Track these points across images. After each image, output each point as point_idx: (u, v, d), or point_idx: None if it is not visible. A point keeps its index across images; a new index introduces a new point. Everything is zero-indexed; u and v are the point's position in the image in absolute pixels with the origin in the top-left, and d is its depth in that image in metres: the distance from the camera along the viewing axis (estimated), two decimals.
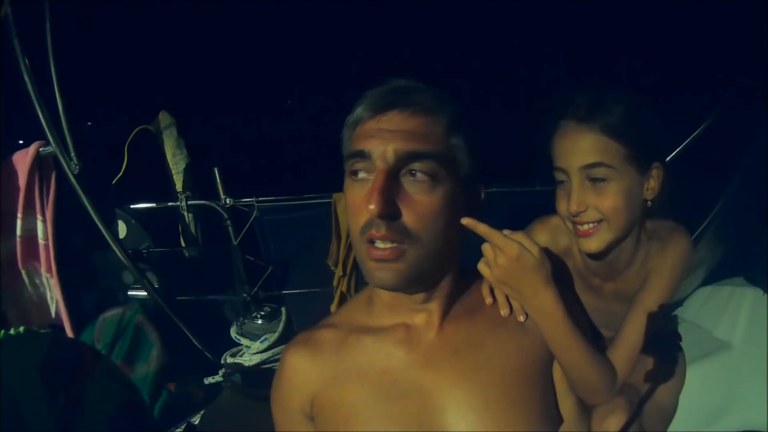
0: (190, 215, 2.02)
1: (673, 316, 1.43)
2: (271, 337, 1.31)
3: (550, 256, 1.01)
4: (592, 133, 0.90)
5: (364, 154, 0.68)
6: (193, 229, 2.04)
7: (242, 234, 1.85)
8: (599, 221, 0.93)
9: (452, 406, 0.72)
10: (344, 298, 1.86)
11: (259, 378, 1.29)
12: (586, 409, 0.88)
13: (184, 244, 2.06)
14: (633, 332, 0.96)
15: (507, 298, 0.81)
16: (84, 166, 1.46)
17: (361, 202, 0.68)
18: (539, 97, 1.00)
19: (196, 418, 1.46)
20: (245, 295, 1.83)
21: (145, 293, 1.71)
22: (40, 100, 1.39)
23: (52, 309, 1.53)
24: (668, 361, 1.09)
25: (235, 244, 1.85)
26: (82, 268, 1.81)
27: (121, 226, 1.91)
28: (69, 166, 1.46)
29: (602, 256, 0.99)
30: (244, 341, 1.35)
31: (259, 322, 1.35)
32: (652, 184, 0.94)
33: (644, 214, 0.97)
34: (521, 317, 0.80)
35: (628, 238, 0.97)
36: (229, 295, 1.93)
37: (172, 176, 2.07)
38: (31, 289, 1.54)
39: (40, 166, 1.50)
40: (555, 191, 0.98)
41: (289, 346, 0.84)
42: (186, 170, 2.04)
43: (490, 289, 0.82)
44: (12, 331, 0.90)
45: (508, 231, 0.76)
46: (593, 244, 0.94)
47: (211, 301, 1.97)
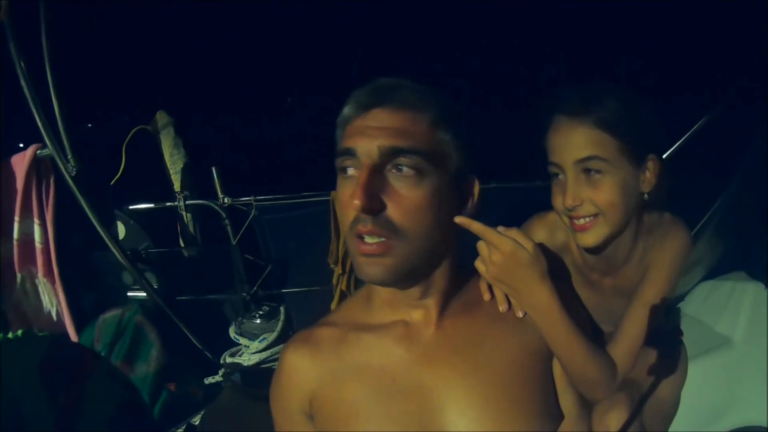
0: (189, 215, 2.02)
1: (675, 312, 1.43)
2: (270, 337, 1.31)
3: (548, 252, 1.01)
4: (585, 127, 0.89)
5: (351, 152, 0.69)
6: (191, 228, 2.04)
7: (241, 233, 1.85)
8: (595, 215, 0.92)
9: (452, 403, 0.72)
10: (344, 296, 1.85)
11: (259, 377, 1.29)
12: (586, 406, 0.88)
13: (183, 244, 2.06)
14: (633, 327, 0.96)
15: (506, 294, 0.81)
16: (82, 167, 1.46)
17: (349, 199, 0.68)
18: (538, 95, 1.00)
19: (197, 419, 1.46)
20: (245, 295, 1.83)
21: (145, 294, 1.71)
22: (37, 102, 1.38)
23: (53, 313, 1.53)
24: (669, 357, 1.09)
25: (234, 244, 1.85)
26: (81, 270, 1.81)
27: (120, 227, 1.90)
28: (66, 168, 1.45)
29: (600, 250, 0.98)
30: (242, 341, 1.35)
31: (258, 321, 1.35)
32: (648, 177, 0.93)
33: (641, 208, 0.97)
34: (519, 313, 0.80)
35: (626, 232, 0.97)
36: (229, 295, 1.93)
37: (170, 176, 2.06)
38: (26, 294, 1.54)
39: (37, 168, 1.50)
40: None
41: (288, 344, 0.83)
42: (184, 170, 2.04)
43: (489, 285, 0.82)
44: (11, 335, 0.90)
45: (502, 228, 0.76)
46: (590, 239, 0.94)
47: (211, 301, 1.97)
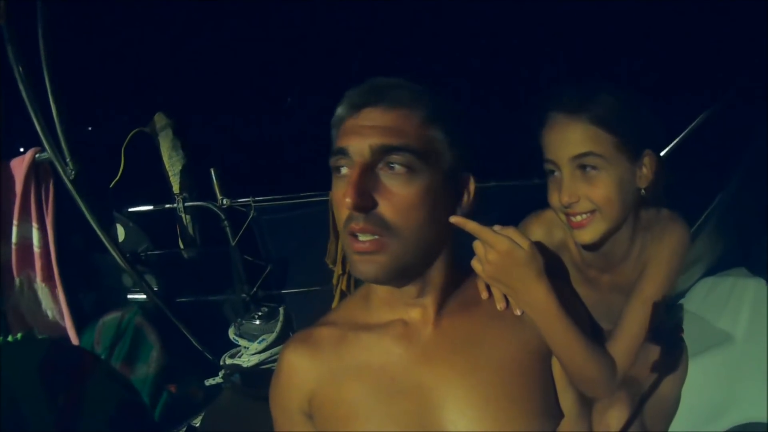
0: (188, 217, 2.02)
1: (676, 308, 1.42)
2: (269, 338, 1.31)
3: (545, 250, 1.01)
4: (580, 124, 0.90)
5: (343, 151, 0.69)
6: (191, 230, 2.04)
7: (240, 234, 1.85)
8: (592, 212, 0.92)
9: (451, 402, 0.72)
10: (344, 296, 1.84)
11: (259, 378, 1.29)
12: (587, 404, 0.88)
13: (182, 246, 2.06)
14: (632, 324, 0.96)
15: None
16: (81, 170, 1.46)
17: (342, 197, 0.69)
18: (537, 93, 1.00)
19: (197, 420, 1.46)
20: (244, 296, 1.83)
21: (145, 296, 1.71)
22: (35, 106, 1.38)
23: (51, 317, 1.53)
24: (670, 354, 1.09)
25: (234, 245, 1.85)
26: (81, 273, 1.80)
27: (119, 229, 1.90)
28: (65, 171, 1.45)
29: (597, 247, 0.98)
30: (242, 342, 1.35)
31: (257, 322, 1.35)
32: (645, 172, 0.93)
33: (639, 204, 0.97)
34: (518, 311, 0.80)
35: (623, 228, 0.97)
36: (229, 296, 1.93)
37: (169, 178, 2.06)
38: (25, 298, 1.54)
39: (36, 172, 1.50)
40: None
41: (287, 344, 0.83)
42: (183, 172, 2.04)
43: (486, 283, 0.82)
44: (10, 338, 0.91)
45: (498, 226, 0.76)
46: (587, 235, 0.94)
47: (211, 302, 1.97)
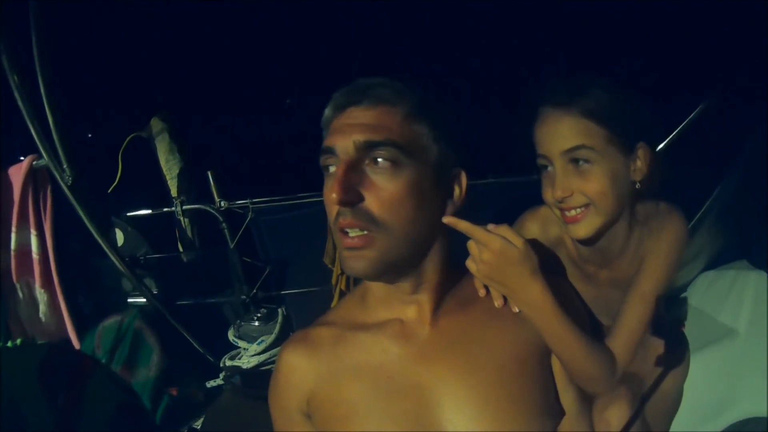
0: (186, 220, 2.02)
1: (677, 303, 1.42)
2: (268, 339, 1.31)
3: (540, 247, 1.00)
4: (571, 117, 0.89)
5: (330, 150, 0.71)
6: (189, 233, 2.04)
7: (238, 236, 1.85)
8: (586, 206, 0.92)
9: (450, 401, 0.72)
10: (343, 295, 1.84)
11: (259, 379, 1.29)
12: (588, 402, 0.88)
13: (181, 249, 2.06)
14: (631, 319, 0.95)
15: None
16: (78, 176, 1.46)
17: (330, 194, 0.69)
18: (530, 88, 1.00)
19: (198, 423, 1.46)
20: (244, 297, 1.83)
21: (145, 299, 1.71)
22: (30, 113, 1.39)
23: (51, 323, 1.53)
24: (671, 350, 1.08)
25: (232, 247, 1.85)
26: (81, 278, 1.80)
27: (118, 234, 1.90)
28: (62, 178, 1.46)
29: (593, 241, 0.98)
30: (241, 344, 1.35)
31: (256, 324, 1.35)
32: (639, 165, 0.92)
33: (634, 198, 0.96)
34: (515, 308, 0.80)
35: (620, 222, 0.96)
36: (228, 298, 1.93)
37: (167, 182, 2.06)
38: (25, 304, 1.55)
39: (34, 179, 1.51)
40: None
41: (286, 345, 0.84)
42: (180, 175, 2.04)
43: None
44: (9, 344, 0.91)
45: (492, 225, 0.76)
46: (582, 230, 0.93)
47: (211, 305, 1.96)
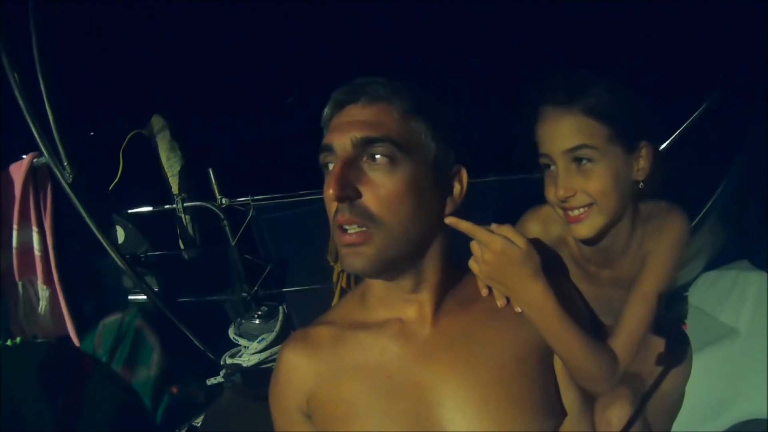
0: (187, 217, 2.02)
1: (678, 302, 1.42)
2: (269, 337, 1.31)
3: (542, 247, 1.00)
4: (572, 116, 0.89)
5: (328, 148, 0.71)
6: (190, 230, 2.03)
7: (240, 234, 1.84)
8: (589, 205, 0.91)
9: (450, 401, 0.72)
10: (345, 293, 1.84)
11: (259, 377, 1.29)
12: (589, 401, 0.87)
13: (182, 247, 2.06)
14: (633, 318, 0.95)
15: None
16: (79, 173, 1.46)
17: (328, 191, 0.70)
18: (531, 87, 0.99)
19: (198, 421, 1.46)
20: (245, 295, 1.82)
21: (145, 297, 1.71)
22: (30, 111, 1.39)
23: (53, 320, 1.53)
24: (673, 350, 1.08)
25: (233, 245, 1.84)
26: (81, 276, 1.81)
27: (118, 231, 1.90)
28: (63, 175, 1.46)
29: (596, 241, 0.97)
30: (242, 342, 1.35)
31: (257, 322, 1.35)
32: (642, 164, 0.92)
33: (637, 197, 0.96)
34: (518, 308, 0.79)
35: (622, 221, 0.96)
36: (229, 296, 1.93)
37: (168, 179, 2.06)
38: (27, 302, 1.55)
39: (34, 176, 1.51)
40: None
41: (286, 344, 0.84)
42: (181, 172, 2.03)
43: None
44: (9, 342, 0.91)
45: (495, 225, 0.76)
46: (584, 230, 0.93)
47: (212, 302, 1.96)
